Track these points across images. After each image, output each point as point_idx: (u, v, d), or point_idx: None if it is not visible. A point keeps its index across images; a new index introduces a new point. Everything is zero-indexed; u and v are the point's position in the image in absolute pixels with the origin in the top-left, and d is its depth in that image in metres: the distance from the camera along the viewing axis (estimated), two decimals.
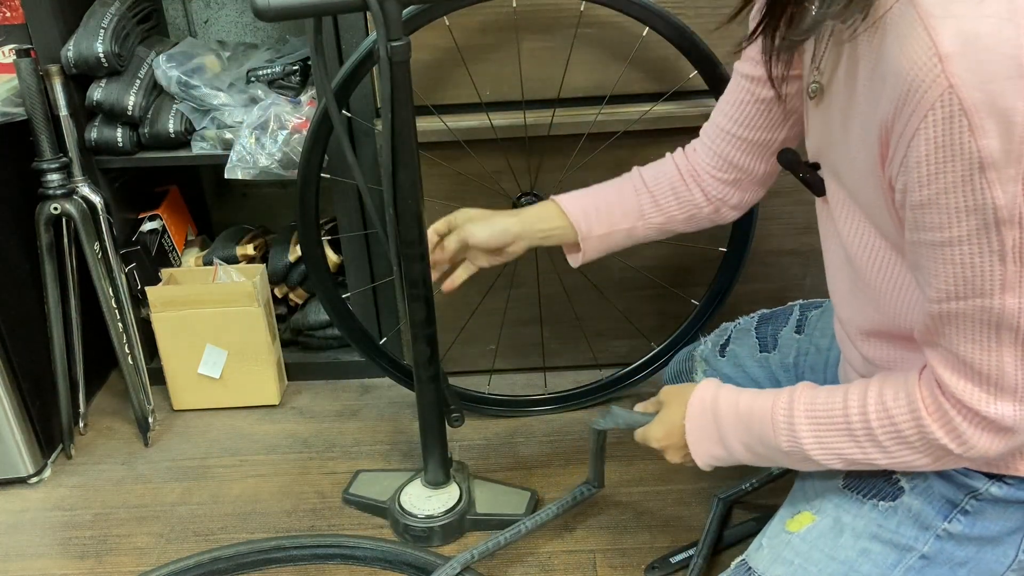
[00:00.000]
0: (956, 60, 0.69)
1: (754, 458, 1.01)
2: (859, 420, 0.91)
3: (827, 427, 0.93)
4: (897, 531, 0.97)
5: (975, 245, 0.74)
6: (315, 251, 1.55)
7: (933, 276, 0.79)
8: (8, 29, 1.60)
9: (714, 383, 1.06)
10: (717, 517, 1.36)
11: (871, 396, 0.90)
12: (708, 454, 1.04)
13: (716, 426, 1.02)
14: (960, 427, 0.84)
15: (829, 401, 0.93)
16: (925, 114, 0.71)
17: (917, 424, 0.87)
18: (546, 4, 1.42)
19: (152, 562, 1.38)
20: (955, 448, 0.86)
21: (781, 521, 1.06)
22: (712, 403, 1.03)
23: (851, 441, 0.92)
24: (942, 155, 0.71)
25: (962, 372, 0.82)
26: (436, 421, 1.37)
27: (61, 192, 1.53)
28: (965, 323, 0.79)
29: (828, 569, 0.98)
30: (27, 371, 1.53)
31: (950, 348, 0.82)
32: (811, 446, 0.94)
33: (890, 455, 0.90)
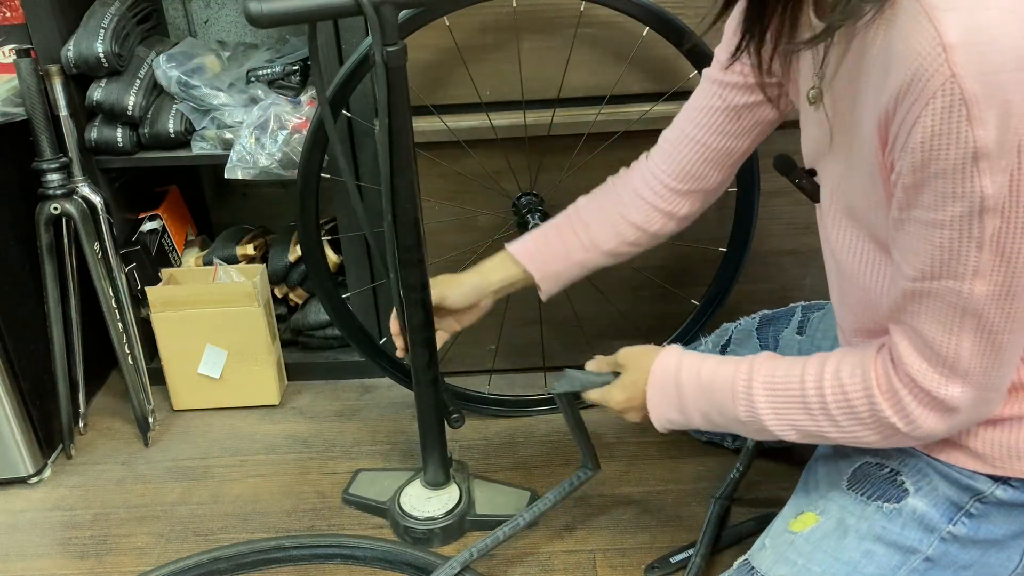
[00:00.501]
0: (959, 50, 0.69)
1: (709, 425, 1.04)
2: (814, 392, 0.93)
3: (784, 399, 0.96)
4: (901, 533, 0.97)
5: (957, 230, 0.76)
6: (315, 251, 1.55)
7: (913, 254, 0.81)
8: (8, 29, 1.60)
9: (677, 350, 1.08)
10: (715, 516, 1.36)
11: (828, 370, 0.92)
12: (665, 418, 1.07)
13: (677, 394, 1.04)
14: (908, 406, 0.87)
15: (788, 373, 0.96)
16: (927, 102, 0.72)
17: (868, 400, 0.89)
18: (546, 4, 1.42)
19: (152, 562, 1.38)
20: (902, 426, 0.88)
21: (784, 521, 1.06)
22: (675, 371, 1.05)
23: (805, 413, 0.94)
24: (939, 142, 0.73)
25: (921, 350, 0.84)
26: (436, 422, 1.37)
27: (61, 192, 1.53)
28: (934, 303, 0.82)
29: (831, 570, 0.98)
30: (27, 371, 1.54)
31: (914, 325, 0.84)
32: (767, 416, 0.97)
33: (841, 429, 0.93)
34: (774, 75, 1.00)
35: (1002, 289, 0.78)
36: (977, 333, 0.81)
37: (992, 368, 0.83)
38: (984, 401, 0.86)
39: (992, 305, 0.79)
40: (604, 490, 1.48)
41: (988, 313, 0.80)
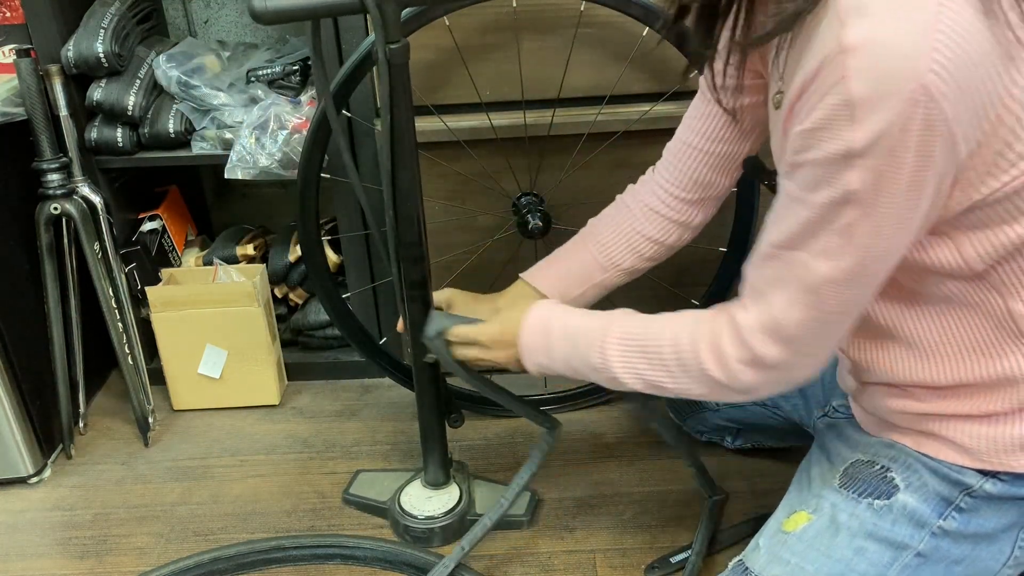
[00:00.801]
0: (855, 54, 0.73)
1: (571, 371, 1.09)
2: (655, 344, 1.01)
3: (631, 349, 1.03)
4: (892, 529, 0.97)
5: (819, 213, 0.81)
6: (315, 251, 1.55)
7: (780, 221, 0.86)
8: (8, 29, 1.60)
9: (552, 301, 1.15)
10: (706, 516, 1.37)
11: (670, 324, 1.01)
12: (535, 362, 1.12)
13: (546, 341, 1.10)
14: (730, 361, 0.93)
15: (639, 326, 1.04)
16: (823, 96, 0.76)
17: (694, 351, 0.96)
18: (546, 4, 1.42)
19: (152, 562, 1.38)
20: (723, 379, 0.94)
21: (777, 521, 1.06)
22: (548, 319, 1.11)
23: (647, 362, 1.01)
24: (823, 134, 0.77)
25: (759, 309, 0.90)
26: (436, 422, 1.37)
27: (61, 192, 1.53)
28: (781, 270, 0.87)
29: (824, 568, 0.98)
30: (27, 371, 1.53)
31: (760, 286, 0.91)
32: (616, 364, 1.03)
33: (674, 378, 1.00)
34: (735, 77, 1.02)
35: (844, 275, 0.83)
36: (809, 309, 0.86)
37: (814, 342, 0.90)
38: (800, 366, 0.93)
39: (830, 288, 0.84)
40: (604, 490, 1.48)
41: (825, 294, 0.85)
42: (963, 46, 0.71)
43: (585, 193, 1.57)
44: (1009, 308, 0.87)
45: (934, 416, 0.96)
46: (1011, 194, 0.80)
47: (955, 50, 0.71)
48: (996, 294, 0.87)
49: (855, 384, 1.08)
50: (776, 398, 1.34)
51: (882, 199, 0.78)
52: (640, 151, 1.54)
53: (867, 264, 0.83)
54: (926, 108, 0.72)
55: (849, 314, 0.88)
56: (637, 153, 1.54)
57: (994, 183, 0.79)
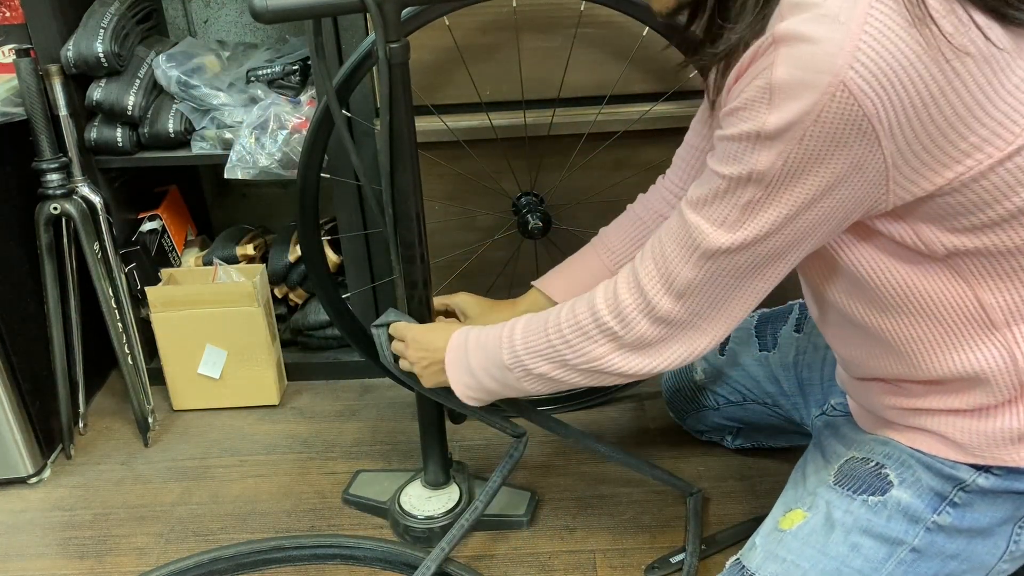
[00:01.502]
0: (783, 44, 0.76)
1: (495, 383, 1.10)
2: (554, 320, 1.03)
3: (533, 333, 1.05)
4: (887, 525, 0.98)
5: (728, 184, 0.85)
6: (315, 251, 1.55)
7: (698, 185, 0.90)
8: (8, 29, 1.60)
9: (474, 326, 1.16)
10: (691, 514, 1.38)
11: (568, 303, 1.03)
12: (461, 383, 1.13)
13: (466, 357, 1.11)
14: (626, 308, 0.96)
15: (542, 314, 1.06)
16: (751, 80, 0.79)
17: (591, 309, 0.99)
18: (546, 4, 1.42)
19: (152, 562, 1.38)
20: (618, 328, 0.97)
21: (774, 519, 1.07)
22: (464, 339, 1.13)
23: (546, 341, 1.03)
24: (743, 114, 0.81)
25: (658, 259, 0.94)
26: (436, 421, 1.37)
27: (61, 192, 1.53)
28: (685, 229, 0.90)
29: (820, 565, 0.98)
30: (27, 371, 1.53)
31: (664, 239, 0.93)
32: (522, 353, 1.05)
33: (575, 349, 1.01)
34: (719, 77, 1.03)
35: (738, 248, 0.87)
36: (701, 271, 0.90)
37: (708, 308, 0.93)
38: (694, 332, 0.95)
39: (724, 257, 0.88)
40: (604, 490, 1.48)
41: (719, 261, 0.89)
42: (888, 48, 0.73)
43: (585, 193, 1.57)
44: (979, 299, 0.88)
45: (924, 411, 0.97)
46: (964, 185, 0.81)
47: (880, 51, 0.73)
48: (965, 285, 0.88)
49: (849, 379, 1.09)
50: (776, 396, 1.34)
51: (788, 184, 0.81)
52: (640, 151, 1.54)
53: (767, 243, 0.86)
54: (843, 103, 0.75)
55: (746, 290, 0.91)
56: (637, 153, 1.54)
57: (948, 174, 0.80)
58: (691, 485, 1.41)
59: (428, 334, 1.18)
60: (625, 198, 1.57)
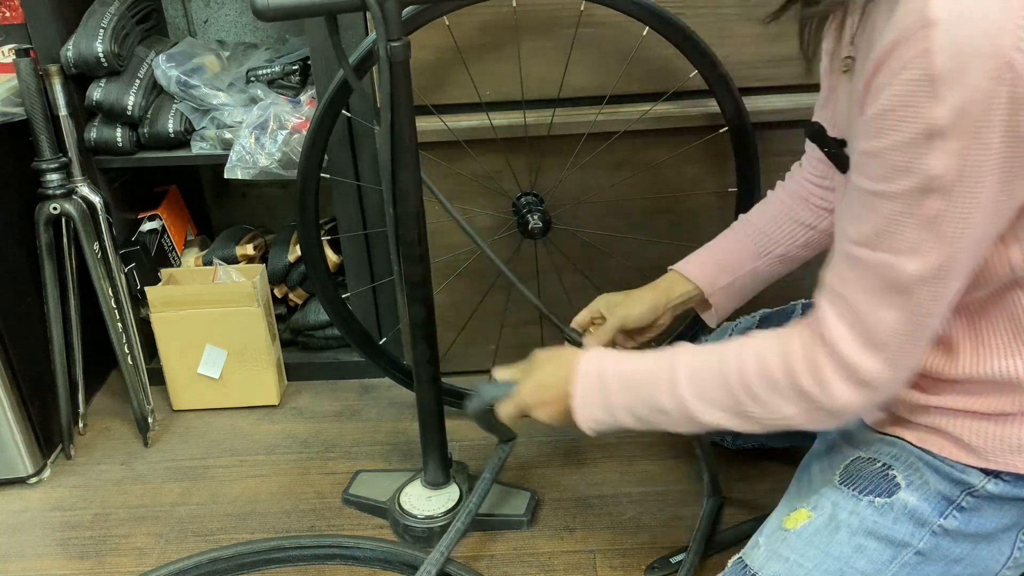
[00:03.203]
0: (939, 27, 0.70)
1: (635, 420, 1.02)
2: (735, 368, 0.93)
3: (706, 379, 0.95)
4: (893, 527, 0.97)
5: (901, 204, 0.77)
6: (315, 251, 1.55)
7: (858, 220, 0.81)
8: (8, 29, 1.59)
9: (599, 350, 1.06)
10: (707, 514, 1.36)
11: (749, 345, 0.93)
12: (591, 418, 1.04)
13: (601, 390, 1.02)
14: (824, 373, 0.87)
15: (709, 355, 0.96)
16: (899, 71, 0.73)
17: (786, 368, 0.89)
18: (546, 4, 1.42)
19: (152, 562, 1.38)
20: (817, 394, 0.88)
21: (778, 518, 1.06)
22: (599, 369, 1.03)
23: (726, 391, 0.94)
24: (901, 113, 0.73)
25: (846, 316, 0.85)
26: (436, 421, 1.37)
27: (61, 192, 1.53)
28: (867, 272, 0.82)
29: (823, 565, 0.98)
30: (27, 371, 1.53)
31: (844, 292, 0.85)
32: (691, 399, 0.96)
33: (762, 404, 0.92)
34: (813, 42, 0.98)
35: (935, 271, 0.79)
36: (902, 310, 0.82)
37: (908, 345, 0.84)
38: (895, 380, 0.87)
39: (921, 287, 0.80)
40: (604, 490, 1.48)
41: (917, 293, 0.80)
42: None
43: (585, 193, 1.57)
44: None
45: (941, 410, 0.96)
46: None
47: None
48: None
49: None
50: None
51: (968, 185, 0.73)
52: (640, 151, 1.54)
53: (958, 257, 0.78)
54: (1011, 86, 0.70)
55: (940, 313, 0.83)
56: (637, 153, 1.54)
57: None
58: (719, 490, 1.40)
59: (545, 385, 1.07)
60: (625, 198, 1.58)
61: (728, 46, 1.44)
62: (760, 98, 1.48)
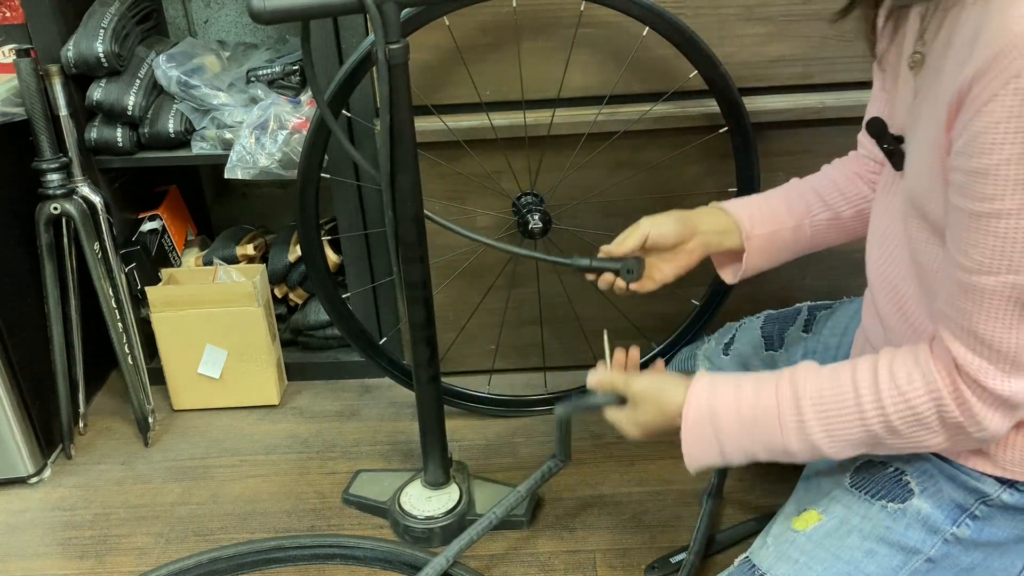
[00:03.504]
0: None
1: (745, 458, 0.99)
2: (873, 407, 0.88)
3: (838, 419, 0.90)
4: (904, 534, 0.96)
5: (1018, 218, 0.74)
6: (315, 251, 1.55)
7: (971, 246, 0.78)
8: (8, 29, 1.60)
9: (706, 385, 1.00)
10: (707, 514, 1.36)
11: (883, 379, 0.88)
12: (700, 463, 1.01)
13: (716, 438, 0.98)
14: (975, 407, 0.84)
15: (838, 390, 0.91)
16: (1008, 80, 0.70)
17: (936, 404, 0.85)
18: (546, 4, 1.42)
19: (152, 562, 1.38)
20: (970, 427, 0.85)
21: (787, 519, 1.06)
22: (709, 412, 0.98)
23: (863, 429, 0.90)
24: (1013, 125, 0.71)
25: (978, 350, 0.82)
26: (436, 421, 1.37)
27: (61, 192, 1.53)
28: (991, 299, 0.79)
29: (833, 569, 0.97)
30: (27, 371, 1.53)
31: (968, 326, 0.82)
32: (822, 441, 0.92)
33: (904, 438, 0.89)
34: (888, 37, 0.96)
35: None
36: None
37: None
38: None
39: None
40: (604, 490, 1.48)
41: None
42: None
43: (585, 193, 1.57)
44: None
45: None
46: None
47: None
48: None
49: None
50: None
51: None
52: (640, 151, 1.54)
53: None
54: None
55: None
56: (637, 153, 1.54)
57: None
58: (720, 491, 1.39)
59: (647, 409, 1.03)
60: (625, 198, 1.58)
61: (728, 46, 1.44)
62: (760, 98, 1.48)
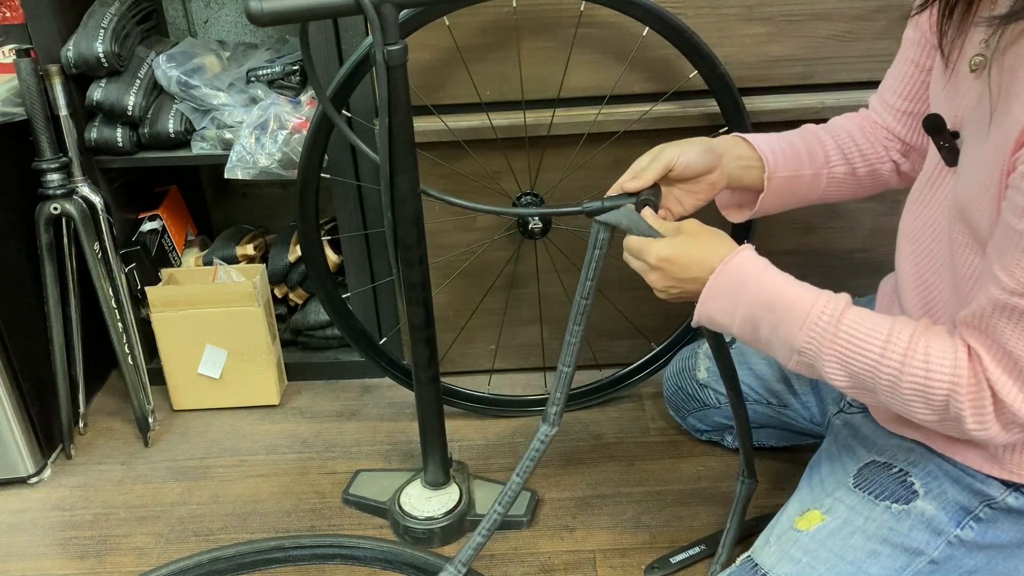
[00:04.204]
0: None
1: (748, 335, 0.97)
2: (895, 362, 0.88)
3: (858, 353, 0.90)
4: (908, 535, 0.97)
5: None
6: (315, 251, 1.55)
7: (1016, 266, 0.78)
8: (8, 29, 1.59)
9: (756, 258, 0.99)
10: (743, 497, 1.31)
11: (918, 345, 0.87)
12: (708, 316, 0.99)
13: (737, 295, 0.96)
14: (987, 412, 0.84)
15: (872, 331, 0.90)
16: None
17: (951, 391, 0.85)
18: (546, 4, 1.42)
19: (152, 562, 1.38)
20: (972, 426, 0.85)
21: (790, 519, 1.05)
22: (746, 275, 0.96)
23: (872, 374, 0.89)
24: None
25: (1006, 365, 0.83)
26: (435, 421, 1.37)
27: (61, 192, 1.53)
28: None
29: (836, 569, 0.97)
30: (27, 371, 1.53)
31: (999, 341, 0.82)
32: (829, 360, 0.91)
33: (900, 400, 0.89)
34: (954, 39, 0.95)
35: None
36: None
37: None
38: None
39: None
40: (604, 490, 1.48)
41: None
42: None
43: (585, 193, 1.57)
44: None
45: None
46: None
47: None
48: None
49: None
50: (784, 395, 1.34)
51: None
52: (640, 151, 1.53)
53: None
54: None
55: None
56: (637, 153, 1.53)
57: None
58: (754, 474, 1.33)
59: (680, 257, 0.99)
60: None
61: (728, 46, 1.44)
62: (760, 98, 1.48)
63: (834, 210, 1.60)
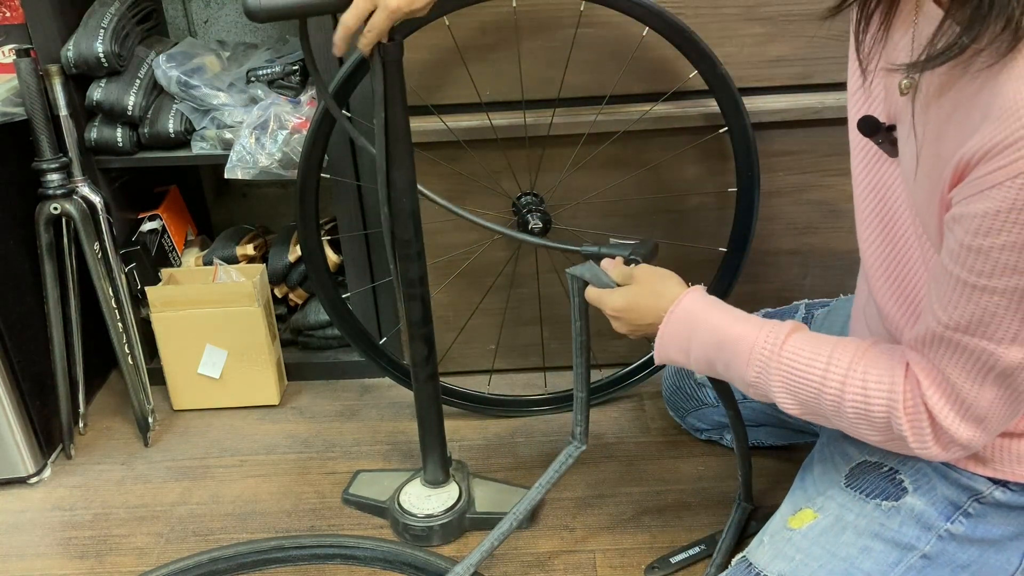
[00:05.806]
0: None
1: (708, 372, 1.03)
2: (835, 387, 0.91)
3: (801, 380, 0.93)
4: (899, 530, 0.97)
5: (1007, 299, 0.76)
6: (315, 251, 1.55)
7: (952, 306, 0.80)
8: (8, 29, 1.60)
9: (701, 293, 1.04)
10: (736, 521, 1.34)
11: (857, 368, 0.90)
12: (667, 356, 1.05)
13: (688, 338, 1.02)
14: (925, 432, 0.86)
15: (813, 357, 0.93)
16: (1016, 175, 0.70)
17: (889, 412, 0.88)
18: (546, 4, 1.42)
19: (152, 562, 1.38)
20: (913, 444, 0.88)
21: (783, 518, 1.06)
22: (693, 317, 1.01)
23: (817, 399, 0.93)
24: (1015, 216, 0.71)
25: (942, 390, 0.84)
26: (434, 419, 1.37)
27: (61, 192, 1.53)
28: (963, 354, 0.82)
29: (829, 566, 0.98)
30: (27, 371, 1.53)
31: (939, 366, 0.84)
32: (778, 389, 0.95)
33: (849, 423, 0.92)
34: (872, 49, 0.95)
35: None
36: (1002, 389, 0.82)
37: (1008, 417, 0.85)
38: (988, 441, 0.88)
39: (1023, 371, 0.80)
40: (604, 490, 1.48)
41: (1019, 376, 0.80)
42: None
43: (585, 193, 1.57)
44: None
45: None
46: None
47: None
48: None
49: None
50: None
51: None
52: (640, 151, 1.54)
53: None
54: None
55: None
56: (637, 153, 1.54)
57: None
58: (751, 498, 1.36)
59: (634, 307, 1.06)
60: (625, 198, 1.58)
61: (728, 46, 1.44)
62: (760, 98, 1.48)
63: (834, 210, 1.60)
